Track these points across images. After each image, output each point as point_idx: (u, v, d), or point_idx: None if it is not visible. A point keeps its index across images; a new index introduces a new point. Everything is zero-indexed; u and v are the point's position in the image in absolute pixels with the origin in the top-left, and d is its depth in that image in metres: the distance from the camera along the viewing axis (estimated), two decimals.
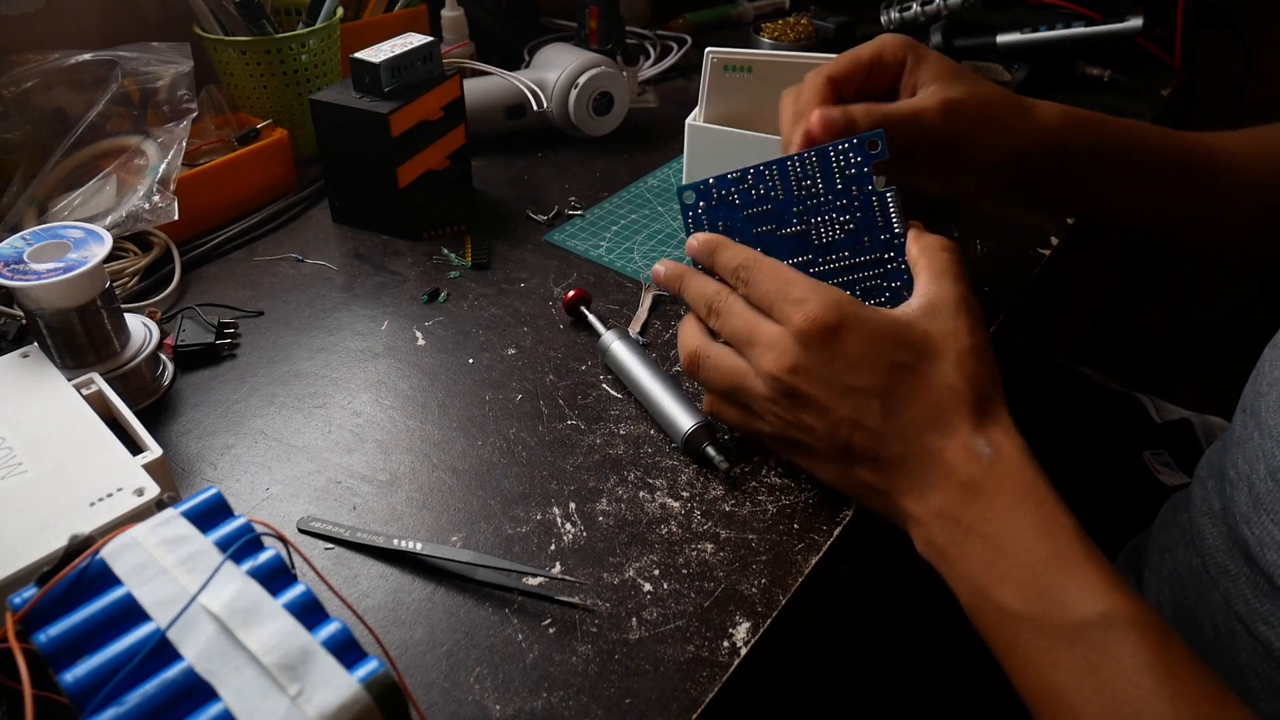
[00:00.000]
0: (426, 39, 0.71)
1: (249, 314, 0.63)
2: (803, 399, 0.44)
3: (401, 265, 0.69)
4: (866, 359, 0.42)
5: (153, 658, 0.29)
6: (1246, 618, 0.46)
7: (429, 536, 0.47)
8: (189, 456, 0.51)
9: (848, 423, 0.43)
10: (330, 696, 0.29)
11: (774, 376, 0.44)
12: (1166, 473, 0.73)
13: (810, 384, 0.43)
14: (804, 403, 0.44)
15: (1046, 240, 0.71)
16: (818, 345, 0.43)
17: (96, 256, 0.50)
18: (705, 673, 0.40)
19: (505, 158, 0.85)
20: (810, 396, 0.43)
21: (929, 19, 0.96)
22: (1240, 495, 0.47)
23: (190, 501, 0.34)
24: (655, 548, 0.46)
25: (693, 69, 1.04)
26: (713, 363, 0.47)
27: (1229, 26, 1.07)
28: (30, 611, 0.30)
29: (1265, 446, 0.45)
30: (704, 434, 0.50)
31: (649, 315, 0.63)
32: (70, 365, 0.52)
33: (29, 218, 0.66)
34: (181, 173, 0.68)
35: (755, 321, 0.45)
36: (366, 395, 0.56)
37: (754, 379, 0.45)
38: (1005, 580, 0.39)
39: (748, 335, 0.45)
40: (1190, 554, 0.52)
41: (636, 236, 0.72)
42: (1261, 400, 0.47)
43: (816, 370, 0.43)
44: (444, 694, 0.39)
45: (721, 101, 0.73)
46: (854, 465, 0.44)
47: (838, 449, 0.44)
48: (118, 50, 0.72)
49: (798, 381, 0.43)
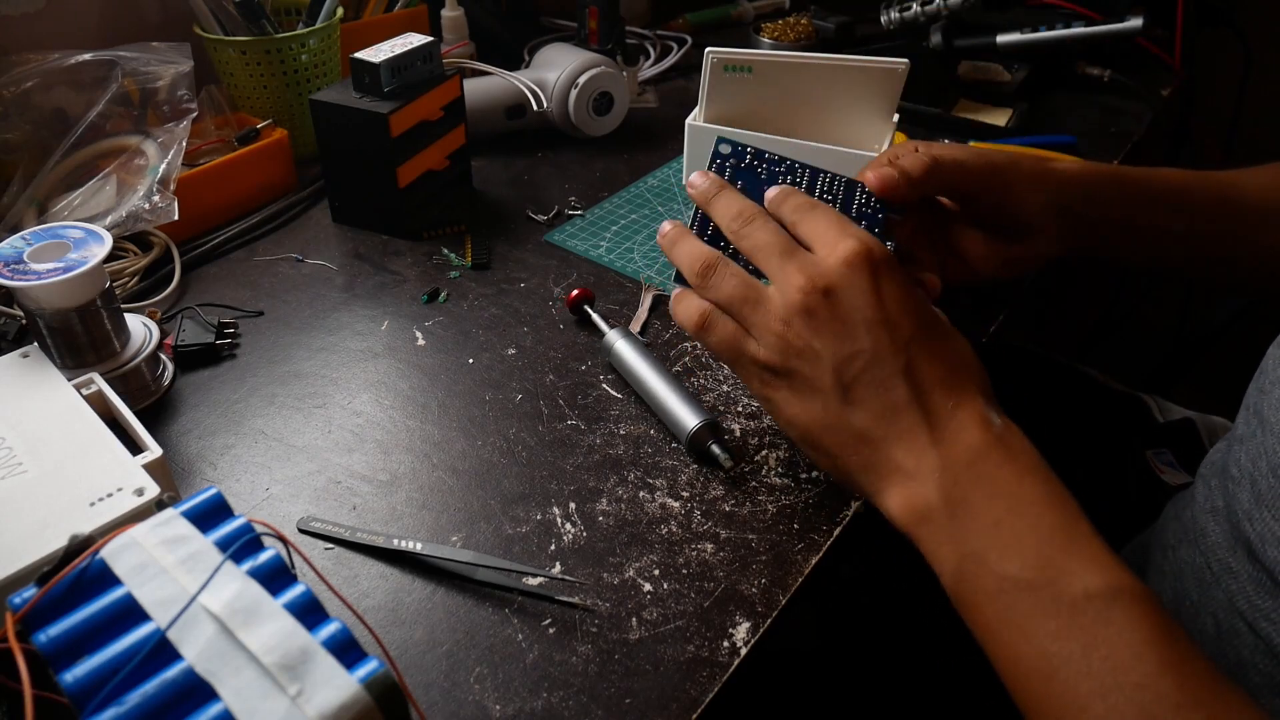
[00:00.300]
0: (426, 39, 0.71)
1: (249, 314, 0.63)
2: (821, 322, 0.42)
3: (401, 265, 0.69)
4: (901, 303, 0.42)
5: (153, 658, 0.29)
6: (1248, 614, 0.46)
7: (429, 536, 0.47)
8: (189, 456, 0.51)
9: (864, 356, 0.42)
10: (330, 696, 0.29)
11: (803, 290, 0.42)
12: (1169, 472, 0.73)
13: (837, 309, 0.42)
14: (820, 326, 0.42)
15: None
16: (860, 275, 0.42)
17: (96, 256, 0.50)
18: (705, 673, 0.40)
19: (505, 158, 0.85)
20: (833, 321, 0.42)
21: (929, 19, 0.96)
22: (1242, 492, 0.47)
23: (190, 501, 0.34)
24: (655, 548, 0.46)
25: (693, 69, 1.04)
26: (731, 270, 0.46)
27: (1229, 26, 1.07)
28: (30, 611, 0.30)
29: (1268, 444, 0.45)
30: (708, 432, 0.50)
31: (649, 315, 0.63)
32: (70, 365, 0.52)
33: (29, 218, 0.66)
34: (181, 173, 0.68)
35: (790, 242, 0.44)
36: (366, 395, 0.56)
37: (769, 292, 0.44)
38: (1008, 546, 0.38)
39: (781, 248, 0.44)
40: (1193, 551, 0.52)
41: (636, 236, 0.72)
42: (1265, 398, 0.47)
43: (850, 298, 0.42)
44: (444, 694, 0.39)
45: (721, 101, 0.73)
46: (849, 406, 0.42)
47: (839, 384, 0.42)
48: (118, 50, 0.72)
49: (824, 304, 0.42)
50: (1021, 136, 0.87)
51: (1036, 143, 0.85)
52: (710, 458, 0.50)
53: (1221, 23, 1.07)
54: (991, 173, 0.54)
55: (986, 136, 0.87)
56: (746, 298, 0.45)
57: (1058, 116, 0.93)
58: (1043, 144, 0.84)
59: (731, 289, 0.45)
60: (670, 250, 0.48)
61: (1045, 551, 0.37)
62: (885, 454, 0.42)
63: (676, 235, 0.49)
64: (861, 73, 0.70)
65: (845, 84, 0.71)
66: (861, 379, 0.42)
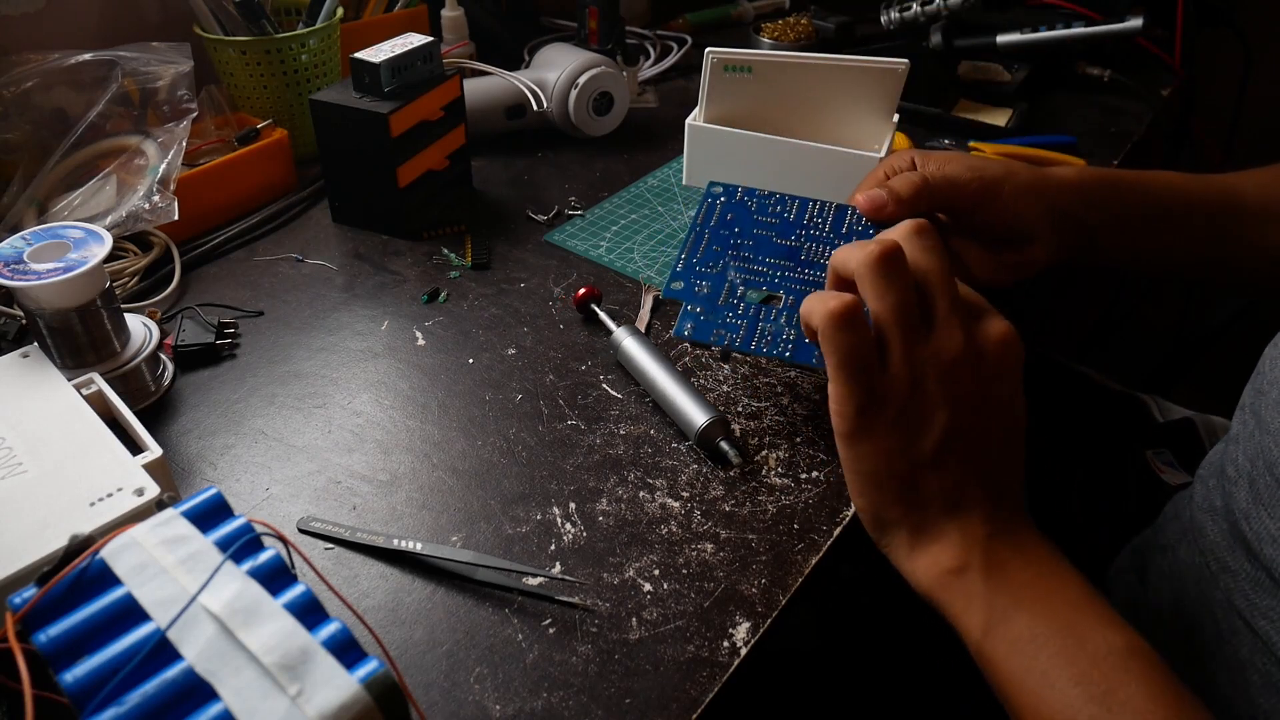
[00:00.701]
0: (426, 39, 0.71)
1: (249, 314, 0.63)
2: (960, 384, 0.41)
3: (401, 265, 0.69)
4: (1019, 398, 0.43)
5: (153, 658, 0.29)
6: (1247, 613, 0.46)
7: (429, 536, 0.47)
8: (189, 456, 0.51)
9: (975, 433, 0.42)
10: (330, 696, 0.29)
11: (961, 346, 0.41)
12: (1169, 472, 0.73)
13: (980, 380, 0.42)
14: (957, 388, 0.41)
15: None
16: (1010, 358, 0.43)
17: (96, 256, 0.50)
18: (705, 673, 0.40)
19: (505, 158, 0.85)
20: (971, 389, 0.42)
21: (929, 19, 0.96)
22: (1240, 492, 0.47)
23: (190, 501, 0.34)
24: (655, 548, 0.46)
25: (693, 69, 1.04)
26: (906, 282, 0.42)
27: (1229, 26, 1.07)
28: (30, 611, 0.30)
29: (1265, 444, 0.45)
30: (719, 428, 0.50)
31: (650, 316, 0.63)
32: (70, 365, 0.52)
33: (29, 218, 0.66)
34: (181, 173, 0.68)
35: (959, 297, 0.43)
36: (366, 395, 0.56)
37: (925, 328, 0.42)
38: (1037, 603, 0.40)
39: (951, 297, 0.42)
40: (1192, 551, 0.52)
41: (636, 236, 0.72)
42: (1262, 399, 0.47)
43: (994, 377, 0.42)
44: (444, 694, 0.39)
45: (721, 101, 0.73)
46: (933, 469, 0.42)
47: (940, 446, 0.41)
48: (118, 50, 0.72)
49: (972, 370, 0.41)
50: (1021, 136, 0.87)
51: (1036, 143, 0.85)
52: (719, 454, 0.50)
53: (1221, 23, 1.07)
54: (984, 188, 0.54)
55: (986, 136, 0.87)
56: (908, 317, 0.41)
57: (1058, 116, 0.93)
58: (1042, 144, 0.84)
59: (901, 299, 0.41)
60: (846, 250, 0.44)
61: (1069, 613, 0.40)
62: (939, 522, 0.42)
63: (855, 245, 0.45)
64: (861, 73, 0.70)
65: (845, 84, 0.71)
66: (958, 452, 0.42)
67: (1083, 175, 0.57)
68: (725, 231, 0.56)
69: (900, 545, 0.43)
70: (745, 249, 0.55)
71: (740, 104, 0.73)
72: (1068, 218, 0.56)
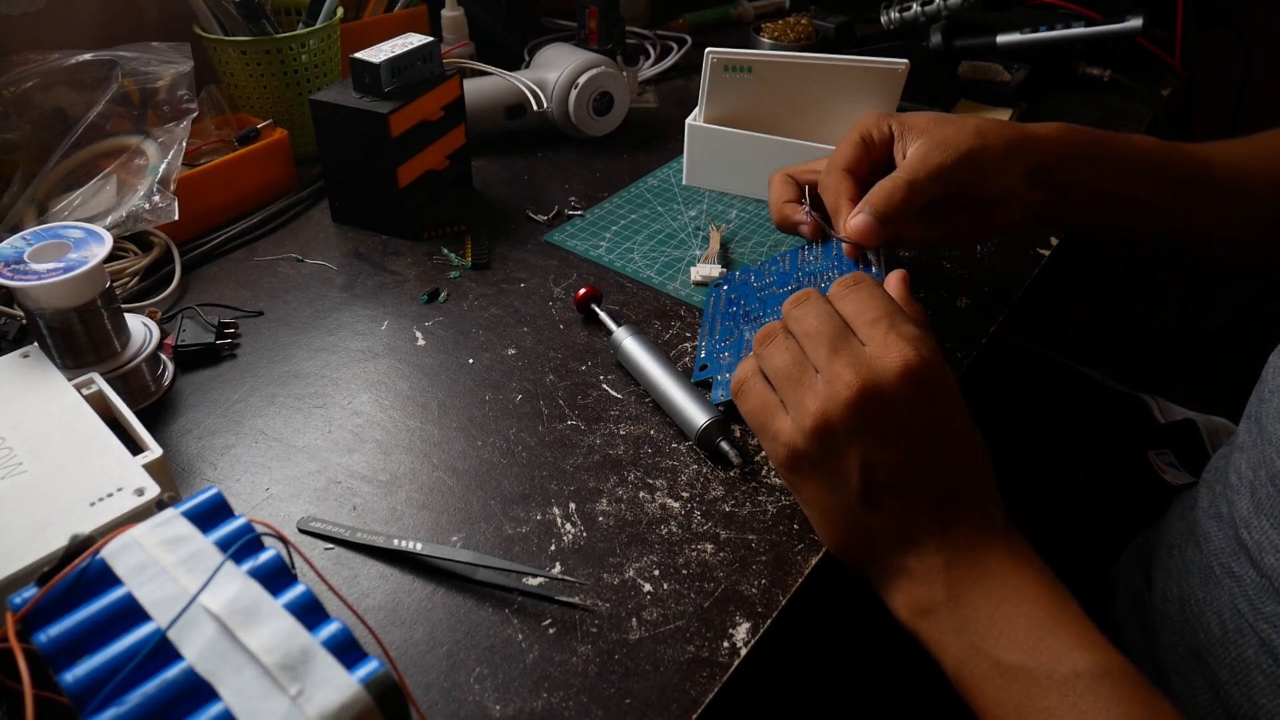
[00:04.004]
0: (426, 39, 0.71)
1: (249, 314, 0.63)
2: (863, 423, 0.41)
3: (401, 265, 0.69)
4: (943, 420, 0.42)
5: (153, 658, 0.29)
6: (1250, 617, 0.46)
7: (429, 536, 0.47)
8: (189, 456, 0.51)
9: (896, 466, 0.41)
10: (330, 696, 0.29)
11: (850, 388, 0.41)
12: (1171, 473, 0.72)
13: (880, 415, 0.41)
14: (860, 427, 0.41)
15: (1046, 240, 0.71)
16: (908, 388, 0.41)
17: (96, 256, 0.50)
18: (705, 673, 0.40)
19: (505, 158, 0.85)
20: (875, 425, 0.41)
21: (929, 19, 0.96)
22: (1242, 500, 0.47)
23: (190, 501, 0.34)
24: (655, 548, 0.46)
25: (693, 69, 1.04)
26: (789, 345, 0.45)
27: (1229, 26, 1.07)
28: (30, 611, 0.30)
29: (1266, 453, 0.45)
30: (719, 429, 0.50)
31: (720, 248, 0.68)
32: (70, 365, 0.52)
33: (29, 218, 0.66)
34: (181, 173, 0.68)
35: (842, 331, 0.43)
36: (366, 395, 0.56)
37: (816, 379, 0.43)
38: (1004, 633, 0.40)
39: (831, 337, 0.43)
40: (1197, 552, 0.52)
41: (636, 236, 0.72)
42: (1264, 407, 0.47)
43: (895, 409, 0.41)
44: (444, 694, 0.39)
45: (721, 101, 0.73)
46: (869, 507, 0.42)
47: (865, 485, 0.42)
48: (118, 50, 0.72)
49: (869, 406, 0.41)
50: None
51: None
52: (719, 455, 0.50)
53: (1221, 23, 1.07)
54: (963, 163, 0.53)
55: None
56: (791, 375, 0.44)
57: (1058, 116, 0.91)
58: None
59: (781, 363, 0.44)
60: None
61: (1036, 635, 0.39)
62: (896, 558, 0.43)
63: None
64: (861, 73, 0.70)
65: (845, 84, 0.71)
66: (887, 486, 0.42)
67: (1064, 130, 0.57)
68: (734, 309, 0.59)
69: (876, 582, 0.44)
70: (754, 312, 0.58)
71: (740, 104, 0.73)
72: (1044, 169, 0.56)
